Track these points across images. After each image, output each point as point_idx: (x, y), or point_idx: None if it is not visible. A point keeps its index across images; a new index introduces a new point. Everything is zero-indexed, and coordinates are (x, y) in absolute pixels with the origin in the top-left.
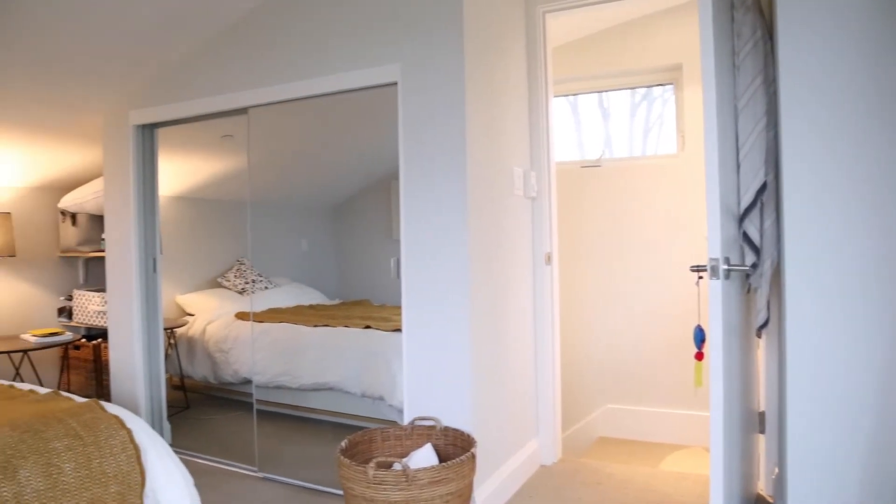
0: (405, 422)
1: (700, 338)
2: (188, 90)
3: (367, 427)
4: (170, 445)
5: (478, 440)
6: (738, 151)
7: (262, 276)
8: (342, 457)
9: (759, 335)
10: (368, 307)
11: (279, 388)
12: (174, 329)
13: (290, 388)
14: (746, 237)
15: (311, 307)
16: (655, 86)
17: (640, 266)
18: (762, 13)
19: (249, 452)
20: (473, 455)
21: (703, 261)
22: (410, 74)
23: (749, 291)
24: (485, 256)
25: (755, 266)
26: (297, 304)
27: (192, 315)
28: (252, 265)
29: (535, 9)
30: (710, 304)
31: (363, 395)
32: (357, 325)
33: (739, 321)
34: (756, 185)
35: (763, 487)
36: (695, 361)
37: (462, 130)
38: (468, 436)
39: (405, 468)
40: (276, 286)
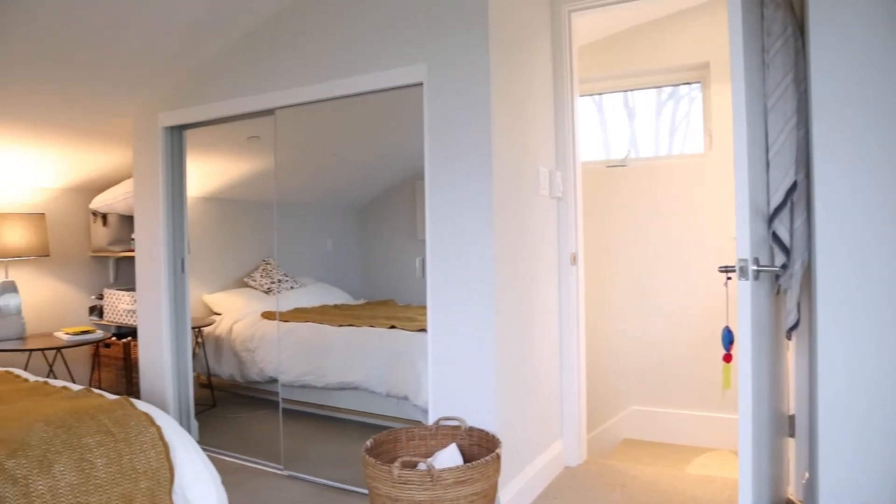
0: (430, 422)
1: (728, 339)
2: (216, 92)
3: (392, 427)
4: (197, 443)
5: (502, 441)
6: (768, 150)
7: (288, 276)
8: (367, 456)
9: (790, 337)
10: (393, 307)
11: (305, 387)
12: (201, 328)
13: (316, 388)
14: (776, 237)
15: (336, 307)
16: (682, 84)
17: (667, 266)
18: (793, 10)
19: (275, 450)
20: (498, 455)
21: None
22: (436, 75)
23: (779, 293)
24: (510, 257)
25: (785, 267)
26: (323, 304)
27: (219, 314)
28: (278, 265)
29: (561, 8)
30: (739, 306)
31: (388, 395)
32: (382, 325)
33: (769, 323)
34: (786, 185)
35: (793, 492)
36: (723, 363)
37: (487, 130)
38: (493, 436)
39: (430, 468)
40: (302, 286)
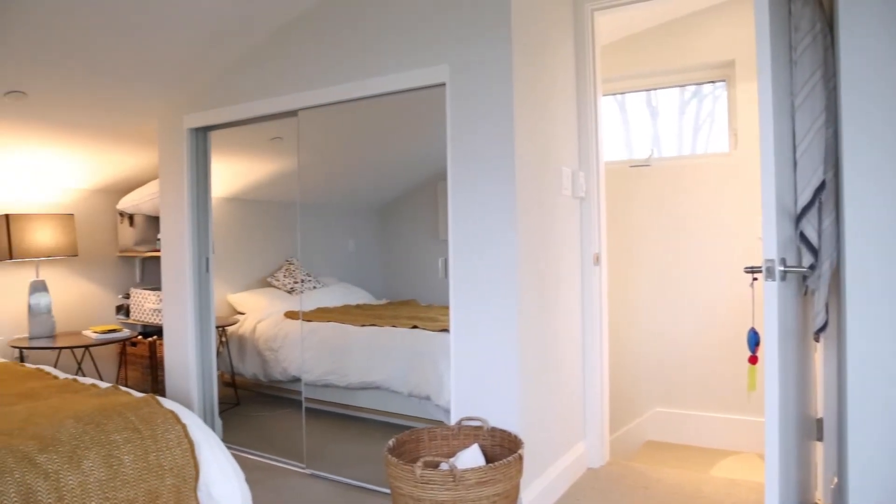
0: (452, 422)
1: (754, 341)
2: (240, 94)
3: (414, 426)
4: (221, 441)
5: (525, 441)
6: (795, 149)
7: (311, 276)
8: (390, 456)
9: (818, 339)
10: (415, 307)
11: (327, 387)
12: (225, 327)
13: (338, 387)
14: (803, 237)
15: (359, 307)
16: (706, 83)
17: (691, 267)
18: (822, 5)
19: (298, 449)
20: (521, 456)
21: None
22: (459, 75)
23: (806, 294)
24: (533, 257)
25: (813, 267)
26: (345, 304)
27: (243, 314)
28: (301, 265)
29: (584, 7)
30: (766, 307)
31: (410, 395)
32: (404, 325)
33: (796, 324)
34: (814, 184)
35: (821, 497)
36: (748, 365)
37: (510, 131)
38: (515, 437)
39: (452, 468)
40: (324, 286)
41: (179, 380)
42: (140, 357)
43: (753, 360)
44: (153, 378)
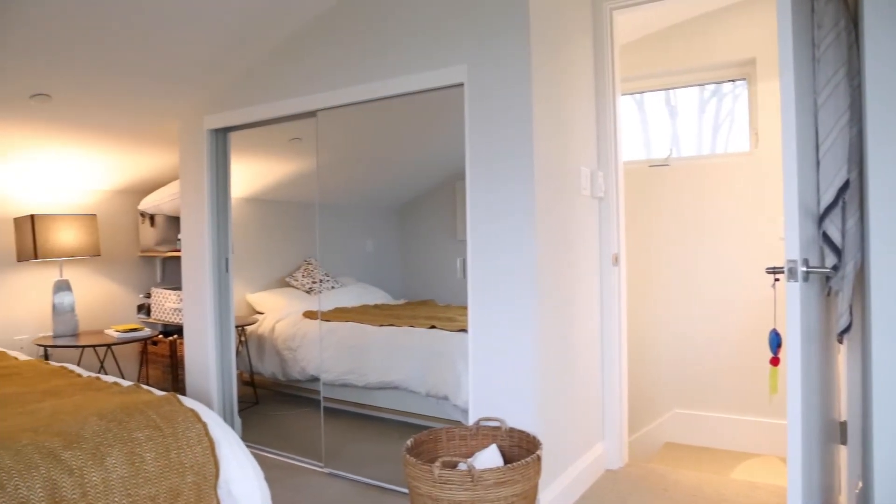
0: (470, 422)
1: (776, 342)
2: (259, 95)
3: (432, 426)
4: (241, 439)
5: (543, 442)
6: (818, 148)
7: (329, 276)
8: (408, 455)
9: (841, 340)
10: (433, 307)
11: (345, 386)
12: (245, 327)
13: (357, 387)
14: (826, 238)
15: (377, 307)
16: (726, 81)
17: (712, 267)
18: (845, 2)
19: (316, 448)
20: (539, 457)
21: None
22: (477, 75)
23: (829, 295)
24: (551, 257)
25: (836, 268)
26: (363, 304)
27: (262, 313)
28: (319, 265)
29: (603, 6)
30: (788, 308)
31: (428, 395)
32: (422, 325)
33: (818, 326)
34: (838, 183)
35: (845, 502)
36: (769, 367)
37: (529, 131)
38: (533, 437)
39: (471, 468)
40: (343, 286)
41: (199, 378)
42: (161, 356)
43: (775, 362)
44: (174, 377)
